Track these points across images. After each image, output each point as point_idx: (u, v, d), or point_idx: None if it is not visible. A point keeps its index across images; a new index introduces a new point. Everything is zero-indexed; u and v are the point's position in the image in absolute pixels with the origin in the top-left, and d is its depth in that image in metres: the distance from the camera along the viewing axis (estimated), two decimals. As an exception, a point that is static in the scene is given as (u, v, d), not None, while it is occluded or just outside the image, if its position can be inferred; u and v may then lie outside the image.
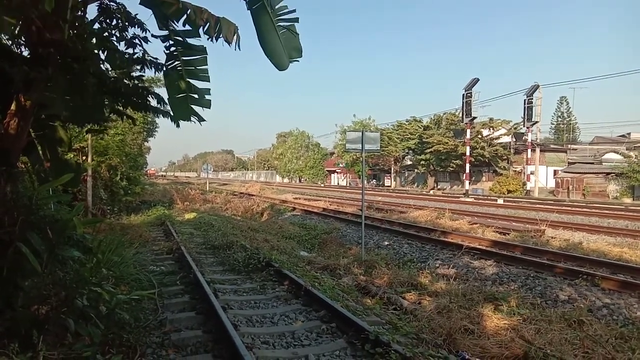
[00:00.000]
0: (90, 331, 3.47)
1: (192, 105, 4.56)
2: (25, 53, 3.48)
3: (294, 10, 4.36)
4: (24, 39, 3.41)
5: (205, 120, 4.73)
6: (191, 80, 4.46)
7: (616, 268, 8.58)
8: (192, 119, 4.63)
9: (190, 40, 4.34)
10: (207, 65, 4.48)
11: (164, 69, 4.41)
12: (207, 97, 4.57)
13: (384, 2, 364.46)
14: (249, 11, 4.18)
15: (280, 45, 4.23)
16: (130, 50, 4.24)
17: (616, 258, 9.64)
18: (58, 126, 4.41)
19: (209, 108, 4.61)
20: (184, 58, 4.38)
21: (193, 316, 5.54)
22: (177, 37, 4.28)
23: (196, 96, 4.50)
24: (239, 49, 3.87)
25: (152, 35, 4.22)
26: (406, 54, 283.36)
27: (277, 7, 4.26)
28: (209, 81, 4.55)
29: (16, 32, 3.37)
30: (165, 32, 4.22)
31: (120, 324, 4.27)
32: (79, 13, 3.63)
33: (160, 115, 5.19)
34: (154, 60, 4.41)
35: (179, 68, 4.40)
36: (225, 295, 6.52)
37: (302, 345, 4.82)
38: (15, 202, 3.44)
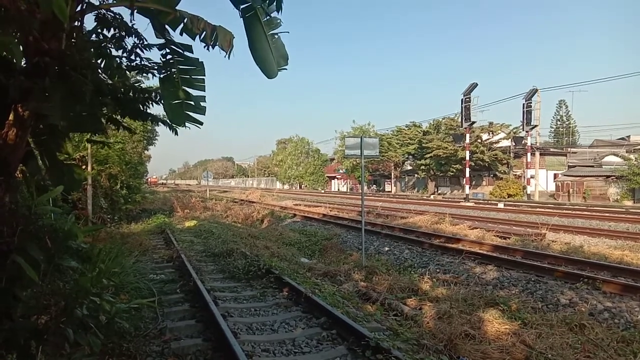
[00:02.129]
0: (90, 341, 3.45)
1: (187, 112, 4.57)
2: (23, 63, 3.50)
3: (281, 22, 4.43)
4: (21, 49, 3.42)
5: (202, 123, 4.73)
6: (187, 89, 4.46)
7: (617, 271, 8.57)
8: (188, 124, 4.64)
9: (187, 52, 4.36)
10: (204, 75, 4.49)
11: (160, 76, 4.43)
12: (202, 104, 4.57)
13: (384, 9, 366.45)
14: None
15: (270, 53, 4.25)
16: (128, 59, 4.27)
17: (617, 261, 9.62)
18: (57, 135, 4.42)
19: (204, 115, 4.61)
20: (181, 67, 4.40)
21: (193, 324, 5.53)
22: (174, 47, 4.30)
23: (192, 103, 4.51)
24: (228, 57, 3.90)
25: (149, 45, 4.24)
26: (405, 59, 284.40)
27: (270, 16, 4.29)
28: (205, 90, 4.56)
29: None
30: (162, 41, 4.24)
31: (120, 333, 4.26)
32: (76, 23, 3.65)
33: (160, 123, 5.22)
34: (153, 66, 4.42)
35: (174, 76, 4.41)
36: (225, 303, 6.51)
37: (302, 353, 4.81)
38: (14, 212, 3.44)
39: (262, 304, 6.64)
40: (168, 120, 4.73)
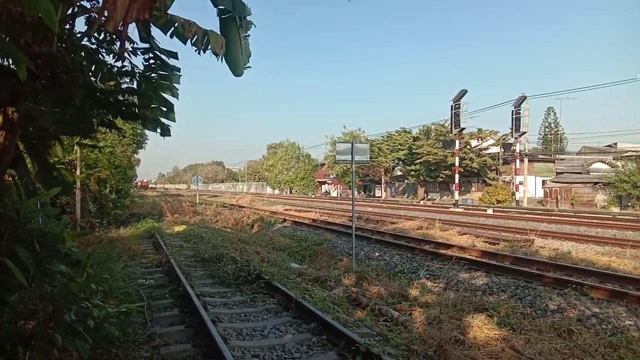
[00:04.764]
0: (78, 346, 3.41)
1: (160, 117, 4.67)
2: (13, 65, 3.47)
3: (253, 24, 4.52)
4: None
5: (169, 135, 4.85)
6: (164, 94, 4.53)
7: (605, 277, 8.65)
8: (158, 130, 4.74)
9: (167, 59, 4.43)
10: (179, 82, 4.62)
11: (141, 78, 4.48)
12: (171, 114, 4.71)
13: (378, 17, 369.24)
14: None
15: (241, 54, 4.31)
16: (118, 63, 4.27)
17: (604, 267, 9.72)
18: (48, 139, 4.39)
19: (174, 122, 4.76)
20: (161, 72, 4.45)
21: (182, 330, 5.49)
22: (157, 52, 4.33)
23: (165, 109, 4.59)
24: (221, 61, 3.94)
25: (134, 48, 4.25)
26: (397, 66, 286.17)
27: (246, 20, 4.34)
28: (178, 98, 4.69)
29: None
30: (146, 45, 4.26)
31: (108, 338, 4.22)
32: (67, 26, 3.63)
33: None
34: (141, 72, 4.43)
35: (154, 80, 4.45)
36: (215, 309, 6.47)
37: (292, 358, 4.79)
38: (2, 216, 3.40)
39: (252, 309, 6.61)
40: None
